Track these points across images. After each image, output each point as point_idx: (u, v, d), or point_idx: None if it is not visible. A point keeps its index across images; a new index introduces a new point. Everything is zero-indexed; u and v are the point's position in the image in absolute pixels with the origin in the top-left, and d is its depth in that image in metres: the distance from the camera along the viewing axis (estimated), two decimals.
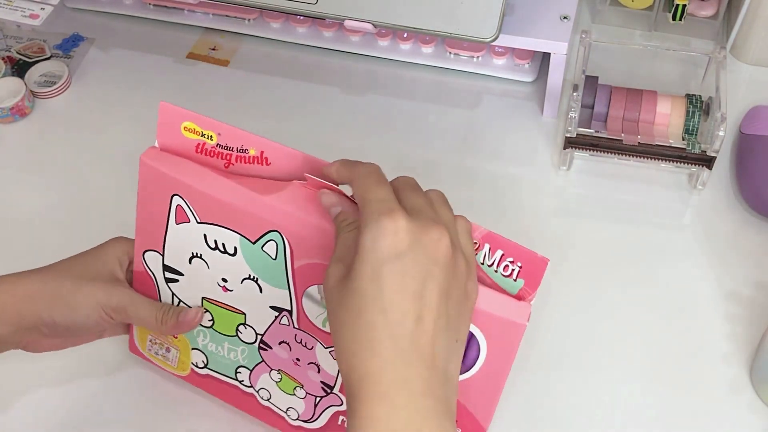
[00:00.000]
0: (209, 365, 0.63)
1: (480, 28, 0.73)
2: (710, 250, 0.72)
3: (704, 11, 0.85)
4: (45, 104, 0.87)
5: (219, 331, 0.61)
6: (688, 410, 0.64)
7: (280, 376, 0.61)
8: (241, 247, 0.56)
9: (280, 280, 0.56)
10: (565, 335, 0.68)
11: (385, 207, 0.46)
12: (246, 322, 0.59)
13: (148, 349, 0.65)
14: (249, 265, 0.57)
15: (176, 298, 0.61)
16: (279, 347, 0.59)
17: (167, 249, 0.59)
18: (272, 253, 0.55)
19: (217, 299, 0.59)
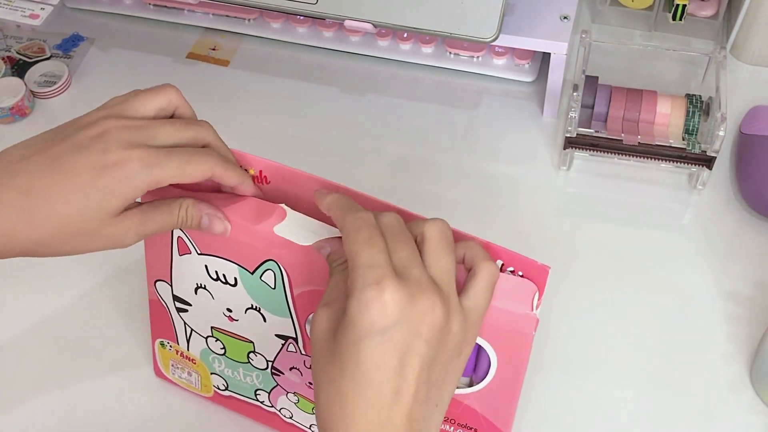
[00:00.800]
0: (230, 388, 0.63)
1: (480, 28, 0.73)
2: (710, 250, 0.72)
3: (704, 11, 0.85)
4: (45, 104, 0.87)
5: (232, 358, 0.61)
6: (688, 410, 0.64)
7: (297, 398, 0.61)
8: (241, 277, 0.55)
9: (281, 308, 0.56)
10: (564, 335, 0.68)
11: (374, 275, 0.43)
12: (255, 350, 0.59)
13: (172, 373, 0.65)
14: (250, 295, 0.56)
15: (188, 327, 0.61)
16: (290, 372, 0.59)
17: (174, 279, 0.59)
18: (271, 283, 0.55)
19: (224, 329, 0.59)
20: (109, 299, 0.72)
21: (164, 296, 0.60)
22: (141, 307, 0.67)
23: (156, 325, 0.63)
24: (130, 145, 0.49)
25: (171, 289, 0.59)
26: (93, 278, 0.73)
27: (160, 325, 0.63)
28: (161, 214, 0.52)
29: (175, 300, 0.60)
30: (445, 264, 0.46)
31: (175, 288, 0.59)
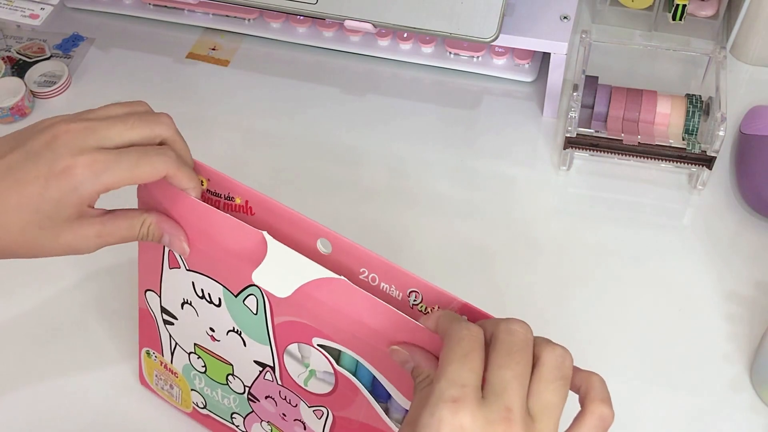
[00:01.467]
0: (208, 407, 0.63)
1: (480, 28, 0.73)
2: (710, 250, 0.72)
3: (704, 11, 0.85)
4: (45, 104, 0.87)
5: (212, 378, 0.60)
6: (688, 410, 0.64)
7: (270, 427, 0.60)
8: (225, 298, 0.55)
9: (261, 335, 0.55)
10: (564, 335, 0.68)
11: (454, 393, 0.39)
12: (234, 373, 0.59)
13: (155, 383, 0.65)
14: (232, 318, 0.55)
15: (173, 341, 0.60)
16: (266, 401, 0.59)
17: (163, 291, 0.58)
18: (253, 308, 0.54)
19: (207, 347, 0.58)
20: (100, 297, 0.72)
21: (153, 306, 0.60)
22: (129, 311, 0.67)
23: (144, 334, 0.63)
24: (80, 150, 0.48)
25: (159, 300, 0.59)
26: (81, 273, 0.73)
27: (147, 334, 0.62)
28: (121, 227, 0.52)
29: (162, 312, 0.59)
30: (551, 398, 0.42)
31: (164, 300, 0.59)
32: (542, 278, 0.71)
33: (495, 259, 0.72)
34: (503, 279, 0.71)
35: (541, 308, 0.69)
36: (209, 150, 0.78)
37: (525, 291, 0.70)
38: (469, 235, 0.74)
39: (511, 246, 0.74)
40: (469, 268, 0.72)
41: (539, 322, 0.69)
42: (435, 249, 0.73)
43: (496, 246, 0.73)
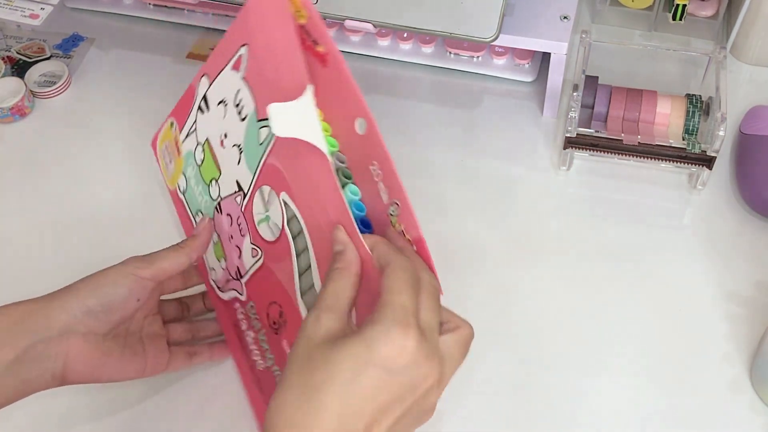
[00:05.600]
0: (185, 194, 0.70)
1: (480, 28, 0.73)
2: (710, 250, 0.72)
3: (704, 11, 0.85)
4: (45, 104, 0.87)
5: (201, 174, 0.67)
6: (688, 410, 0.64)
7: (218, 240, 0.67)
8: (249, 117, 0.61)
9: (253, 162, 0.61)
10: (564, 335, 0.68)
11: (404, 318, 0.45)
12: (218, 180, 0.65)
13: (160, 151, 0.73)
14: (244, 136, 0.62)
15: (195, 126, 0.68)
16: (225, 217, 0.65)
17: (214, 83, 0.65)
18: (261, 137, 0.60)
19: (213, 147, 0.65)
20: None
21: (200, 89, 0.67)
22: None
23: (180, 107, 0.70)
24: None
25: (208, 88, 0.66)
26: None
27: (181, 109, 0.70)
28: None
29: (203, 99, 0.66)
30: (455, 351, 0.49)
31: (211, 90, 0.65)
32: (542, 278, 0.71)
33: (495, 258, 0.72)
34: (503, 279, 0.71)
35: (541, 308, 0.69)
36: None
37: (525, 291, 0.70)
38: (469, 234, 0.74)
39: (511, 246, 0.74)
40: (469, 268, 0.72)
41: (539, 322, 0.69)
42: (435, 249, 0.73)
43: (495, 246, 0.73)
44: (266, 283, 0.63)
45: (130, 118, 0.85)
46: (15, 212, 0.79)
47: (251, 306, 0.65)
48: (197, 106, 0.67)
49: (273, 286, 0.62)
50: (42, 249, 0.75)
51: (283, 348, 0.61)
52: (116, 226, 0.76)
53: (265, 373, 0.64)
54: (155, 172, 0.79)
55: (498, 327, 0.68)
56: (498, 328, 0.68)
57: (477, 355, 0.67)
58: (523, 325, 0.68)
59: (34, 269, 0.73)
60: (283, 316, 0.61)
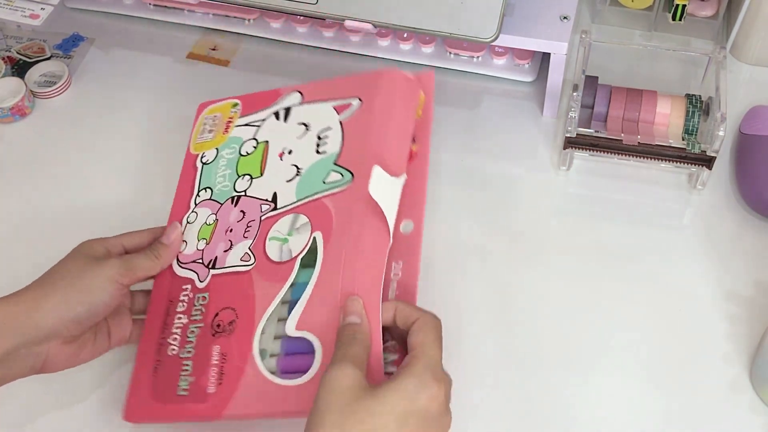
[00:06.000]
0: (206, 165, 0.71)
1: (480, 28, 0.73)
2: (710, 250, 0.72)
3: (704, 11, 0.85)
4: (45, 104, 0.87)
5: (237, 163, 0.70)
6: (688, 410, 0.64)
7: (212, 223, 0.67)
8: (328, 156, 0.65)
9: (304, 191, 0.65)
10: (564, 335, 0.68)
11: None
12: (253, 178, 0.68)
13: (206, 117, 0.75)
14: (310, 165, 0.66)
15: (255, 118, 0.72)
16: (237, 212, 0.67)
17: (308, 106, 0.70)
18: (330, 178, 0.64)
19: (269, 151, 0.69)
20: None
21: (286, 100, 0.72)
22: None
23: (253, 97, 0.75)
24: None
25: (297, 104, 0.71)
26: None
27: (254, 99, 0.74)
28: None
29: (286, 110, 0.71)
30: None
31: (299, 108, 0.71)
32: (542, 278, 0.71)
33: (495, 258, 0.73)
34: (503, 279, 0.71)
35: (541, 309, 0.70)
36: None
37: (524, 291, 0.70)
38: (469, 234, 0.74)
39: (511, 246, 0.74)
40: (469, 268, 0.72)
41: (539, 322, 0.69)
42: (435, 249, 0.73)
43: (495, 246, 0.73)
44: (237, 289, 0.63)
45: (130, 118, 0.85)
46: (15, 212, 0.79)
47: (203, 297, 0.64)
48: (274, 111, 0.71)
49: (242, 295, 0.62)
50: (42, 249, 0.75)
51: (211, 351, 0.61)
52: (116, 226, 0.76)
53: (171, 359, 0.62)
54: (155, 173, 0.80)
55: (498, 327, 0.68)
56: (498, 327, 0.68)
57: (477, 354, 0.67)
58: (522, 324, 0.69)
59: (34, 269, 0.73)
60: (232, 325, 0.61)
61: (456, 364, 0.66)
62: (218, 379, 0.59)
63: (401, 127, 0.65)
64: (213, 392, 0.59)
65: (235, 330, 0.61)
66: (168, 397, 0.60)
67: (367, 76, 0.68)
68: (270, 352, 0.59)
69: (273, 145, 0.69)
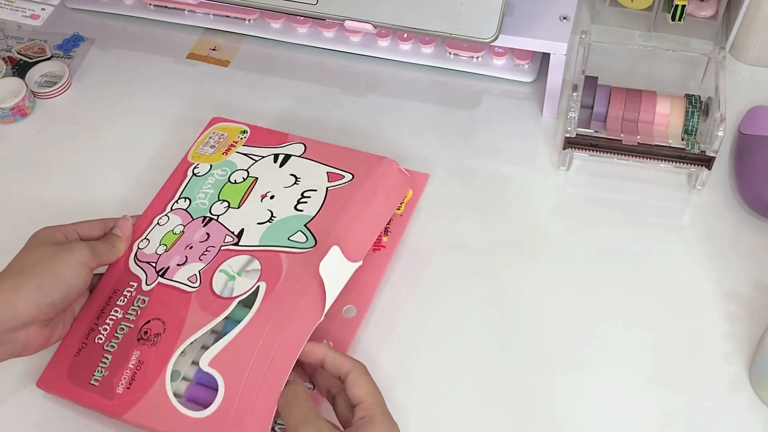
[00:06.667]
0: (196, 176, 0.73)
1: (480, 28, 0.73)
2: (710, 250, 0.73)
3: (703, 11, 0.85)
4: (46, 104, 0.87)
5: (222, 188, 0.72)
6: (687, 410, 0.64)
7: (179, 231, 0.69)
8: (303, 216, 0.68)
9: (269, 239, 0.67)
10: (564, 335, 0.68)
11: (387, 411, 0.58)
12: (229, 206, 0.70)
13: (214, 132, 0.77)
14: (284, 217, 0.68)
15: (254, 152, 0.74)
16: (203, 232, 0.69)
17: (303, 162, 0.73)
18: (295, 237, 0.66)
19: (253, 187, 0.71)
20: None
21: (289, 148, 0.75)
22: None
23: (262, 132, 0.77)
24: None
25: (297, 156, 0.73)
26: None
27: (262, 135, 0.76)
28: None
29: (285, 157, 0.74)
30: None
31: (295, 160, 0.73)
32: (542, 278, 0.71)
33: (494, 259, 0.73)
34: (503, 279, 0.71)
35: (541, 308, 0.70)
36: None
37: (524, 291, 0.71)
38: (469, 234, 0.74)
39: (511, 246, 0.74)
40: (469, 268, 0.72)
41: (539, 322, 0.69)
42: (435, 249, 0.73)
43: (495, 246, 0.73)
44: (174, 305, 0.65)
45: (130, 119, 0.85)
46: (15, 212, 0.79)
47: (143, 300, 0.65)
48: (275, 153, 0.74)
49: (176, 314, 0.64)
50: None
51: (131, 354, 0.63)
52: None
53: (95, 347, 0.64)
54: (155, 173, 0.80)
55: (497, 327, 0.68)
56: (497, 327, 0.68)
57: (477, 354, 0.67)
58: (522, 324, 0.69)
59: None
60: (157, 337, 0.63)
61: (456, 364, 0.67)
62: (128, 383, 0.62)
63: (378, 216, 0.68)
64: (120, 393, 0.62)
65: (158, 343, 0.63)
66: (80, 382, 0.63)
67: (368, 158, 0.72)
68: (183, 374, 0.62)
69: (260, 184, 0.71)
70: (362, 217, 0.67)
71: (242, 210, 0.70)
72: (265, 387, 0.58)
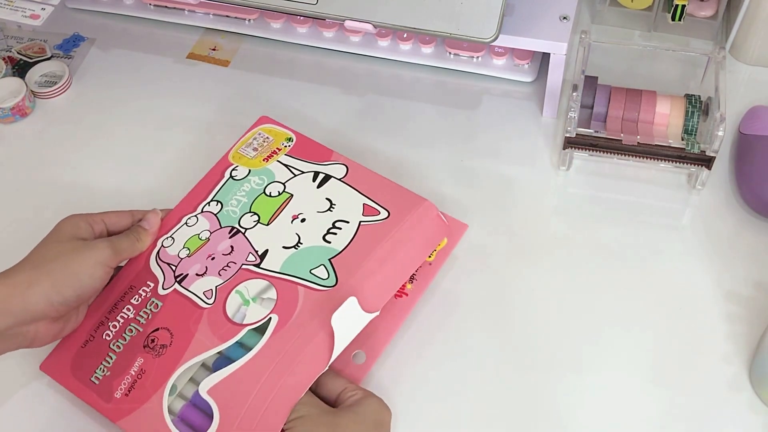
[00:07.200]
0: (233, 179, 0.72)
1: (480, 28, 0.73)
2: (710, 250, 0.73)
3: (703, 11, 0.85)
4: (46, 104, 0.87)
5: (256, 199, 0.70)
6: (687, 410, 0.64)
7: (205, 238, 0.68)
8: (330, 247, 0.66)
9: (290, 268, 0.65)
10: (564, 335, 0.68)
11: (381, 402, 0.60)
12: (258, 221, 0.68)
13: (259, 134, 0.75)
14: (310, 245, 0.66)
15: (295, 165, 0.72)
16: (228, 244, 0.67)
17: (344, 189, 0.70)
18: (317, 271, 0.64)
19: (286, 206, 0.69)
20: None
21: (332, 168, 0.72)
22: None
23: (308, 144, 0.74)
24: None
25: (337, 179, 0.71)
26: None
27: (306, 148, 0.74)
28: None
29: (325, 177, 0.71)
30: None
31: (335, 183, 0.71)
32: (542, 278, 0.71)
33: (494, 259, 0.73)
34: (503, 279, 0.71)
35: (541, 308, 0.70)
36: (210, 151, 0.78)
37: (524, 291, 0.71)
38: (469, 235, 0.74)
39: (511, 246, 0.74)
40: (469, 268, 0.72)
41: (539, 322, 0.69)
42: None
43: (495, 246, 0.73)
44: (185, 318, 0.64)
45: (130, 119, 0.85)
46: (15, 212, 0.79)
47: (156, 303, 0.65)
48: (316, 171, 0.71)
49: (185, 328, 0.63)
50: None
51: (134, 360, 0.62)
52: None
53: (102, 343, 0.64)
54: (155, 173, 0.80)
55: (497, 326, 0.68)
56: (497, 327, 0.68)
57: (477, 354, 0.67)
58: (522, 324, 0.69)
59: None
60: (163, 349, 0.63)
61: (456, 364, 0.67)
62: (128, 390, 0.61)
63: (406, 264, 0.65)
64: (118, 398, 0.61)
65: (163, 355, 0.62)
66: (81, 376, 0.63)
67: (408, 196, 0.69)
68: (180, 390, 0.61)
69: (294, 203, 0.69)
70: (389, 264, 0.64)
71: (270, 228, 0.68)
72: (262, 427, 0.57)
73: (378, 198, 0.69)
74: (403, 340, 0.68)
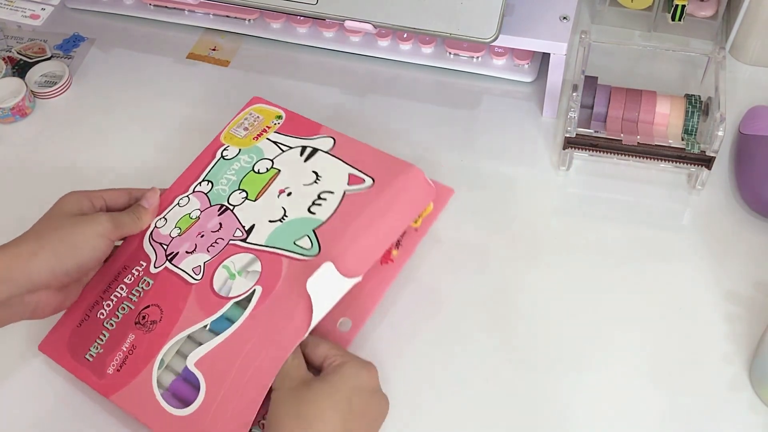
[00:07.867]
0: (224, 159, 0.73)
1: (480, 28, 0.73)
2: (710, 250, 0.73)
3: (703, 11, 0.85)
4: (45, 104, 0.87)
5: (245, 176, 0.70)
6: (687, 410, 0.64)
7: (196, 216, 0.69)
8: (315, 218, 0.66)
9: (276, 240, 0.65)
10: (564, 335, 0.68)
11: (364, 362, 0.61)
12: (246, 198, 0.69)
13: (250, 114, 0.76)
14: (295, 217, 0.66)
15: (283, 141, 0.73)
16: (216, 221, 0.68)
17: (329, 158, 0.71)
18: (302, 242, 0.65)
19: (273, 181, 0.69)
20: None
21: (318, 142, 0.73)
22: None
23: (297, 121, 0.75)
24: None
25: (324, 151, 0.71)
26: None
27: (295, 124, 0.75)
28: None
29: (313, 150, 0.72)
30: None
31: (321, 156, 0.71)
32: (542, 278, 0.71)
33: (494, 258, 0.73)
34: (503, 279, 0.71)
35: (541, 308, 0.70)
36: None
37: (525, 291, 0.71)
38: (469, 234, 0.74)
39: (511, 246, 0.74)
40: (469, 268, 0.72)
41: (539, 322, 0.69)
42: (434, 249, 0.73)
43: (495, 246, 0.73)
44: (174, 294, 0.65)
45: (130, 119, 0.85)
46: (15, 212, 0.79)
47: (148, 281, 0.66)
48: (303, 145, 0.72)
49: (174, 304, 0.64)
50: None
51: (126, 337, 0.63)
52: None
53: (96, 321, 0.65)
54: (155, 172, 0.80)
55: (498, 326, 0.68)
56: (498, 327, 0.68)
57: (477, 354, 0.67)
58: (522, 324, 0.69)
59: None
60: (153, 325, 0.64)
61: (456, 363, 0.67)
62: (119, 366, 0.63)
63: (390, 230, 0.65)
64: (110, 374, 0.63)
65: (153, 331, 0.63)
66: (76, 355, 0.64)
67: (394, 163, 0.69)
68: (169, 363, 0.62)
69: (281, 178, 0.70)
70: (372, 230, 0.64)
71: (257, 204, 0.69)
72: (245, 396, 0.58)
73: (364, 167, 0.69)
74: (403, 338, 0.68)
